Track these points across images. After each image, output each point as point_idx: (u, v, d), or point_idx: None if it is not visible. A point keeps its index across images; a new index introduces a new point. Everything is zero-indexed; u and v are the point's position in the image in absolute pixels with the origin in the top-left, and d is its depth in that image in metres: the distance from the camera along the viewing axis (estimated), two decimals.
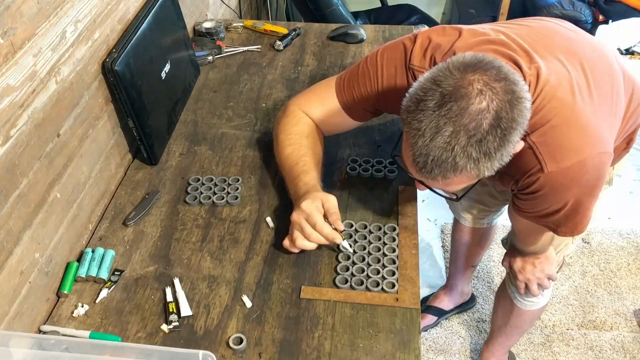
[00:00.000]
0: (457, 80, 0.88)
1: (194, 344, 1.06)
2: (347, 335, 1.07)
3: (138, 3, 1.46)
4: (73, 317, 1.11)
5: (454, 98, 0.87)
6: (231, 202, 1.32)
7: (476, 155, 0.89)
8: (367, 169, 1.40)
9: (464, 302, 2.17)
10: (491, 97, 0.87)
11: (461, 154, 0.88)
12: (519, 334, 1.81)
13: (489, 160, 0.90)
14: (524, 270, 1.43)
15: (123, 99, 1.31)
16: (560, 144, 1.00)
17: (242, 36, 1.94)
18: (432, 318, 2.12)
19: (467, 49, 1.04)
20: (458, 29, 1.12)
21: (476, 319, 2.16)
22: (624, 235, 2.44)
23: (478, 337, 2.10)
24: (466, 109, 0.87)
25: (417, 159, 0.92)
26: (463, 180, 0.96)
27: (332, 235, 1.13)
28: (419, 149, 0.91)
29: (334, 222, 1.14)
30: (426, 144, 0.89)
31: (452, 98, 0.87)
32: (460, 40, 1.09)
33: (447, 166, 0.90)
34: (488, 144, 0.88)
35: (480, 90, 0.87)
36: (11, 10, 0.96)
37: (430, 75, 0.92)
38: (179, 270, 1.19)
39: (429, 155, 0.90)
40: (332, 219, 1.14)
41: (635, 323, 2.13)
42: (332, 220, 1.14)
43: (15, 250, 1.01)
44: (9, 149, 0.98)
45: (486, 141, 0.88)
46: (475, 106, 0.87)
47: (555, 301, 2.20)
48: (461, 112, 0.87)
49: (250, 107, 1.62)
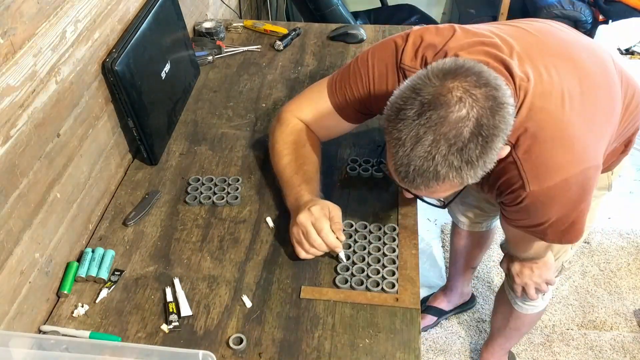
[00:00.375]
0: (436, 88, 0.87)
1: (194, 344, 1.06)
2: (347, 335, 1.07)
3: (138, 3, 1.46)
4: (73, 317, 1.11)
5: (433, 106, 0.86)
6: (231, 202, 1.32)
7: (458, 164, 0.87)
8: (367, 169, 1.40)
9: (463, 302, 2.17)
10: (471, 104, 0.86)
11: (442, 163, 0.87)
12: (518, 336, 1.81)
13: (471, 169, 0.89)
14: (521, 274, 1.41)
15: (123, 99, 1.31)
16: (544, 162, 0.98)
17: (242, 36, 1.94)
18: (431, 318, 2.12)
19: (460, 50, 1.03)
20: (452, 29, 1.10)
21: (476, 319, 2.15)
22: (624, 235, 2.44)
23: (478, 337, 2.10)
24: (446, 117, 0.86)
25: (399, 168, 0.91)
26: (447, 189, 0.95)
27: (335, 244, 1.14)
28: (400, 159, 0.90)
29: (337, 232, 1.14)
30: (407, 154, 0.89)
31: (432, 107, 0.86)
32: (453, 40, 1.07)
33: (429, 175, 0.89)
34: (469, 152, 0.87)
35: (459, 97, 0.86)
36: (11, 10, 0.96)
37: (410, 84, 0.90)
38: (179, 270, 1.19)
39: (410, 164, 0.89)
40: (336, 228, 1.14)
41: (635, 323, 2.13)
42: (336, 229, 1.14)
43: (15, 250, 1.01)
44: (9, 149, 0.98)
45: (467, 149, 0.87)
46: (455, 114, 0.85)
47: (555, 301, 2.20)
48: (441, 121, 0.86)
49: (250, 107, 1.62)
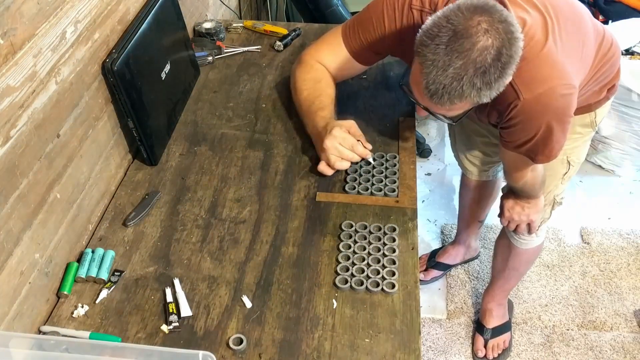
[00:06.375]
0: (467, 20, 1.02)
1: (194, 344, 1.06)
2: (347, 336, 1.07)
3: (138, 3, 1.46)
4: (73, 318, 1.11)
5: (464, 35, 1.01)
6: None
7: (479, 85, 1.04)
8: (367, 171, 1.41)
9: (470, 257, 2.33)
10: (495, 36, 1.02)
11: (468, 84, 1.03)
12: (517, 276, 1.98)
13: (488, 89, 1.06)
14: (512, 210, 1.57)
15: (123, 100, 1.31)
16: (532, 75, 1.15)
17: (242, 37, 1.94)
18: (437, 272, 2.27)
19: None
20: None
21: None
22: (624, 236, 2.44)
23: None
24: (475, 45, 1.01)
25: (430, 86, 1.06)
26: (465, 106, 1.12)
27: (365, 152, 1.35)
28: (432, 78, 1.05)
29: (363, 142, 1.36)
30: (439, 74, 1.04)
31: (463, 35, 1.01)
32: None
33: (455, 93, 1.05)
34: (490, 75, 1.03)
35: (486, 29, 1.02)
36: (11, 10, 0.96)
37: (443, 14, 1.05)
38: (179, 270, 1.19)
39: (441, 83, 1.04)
40: (362, 140, 1.36)
41: (635, 323, 2.13)
42: (363, 141, 1.36)
43: (15, 251, 1.01)
44: (9, 149, 0.98)
45: (489, 73, 1.03)
46: (482, 43, 1.01)
47: (555, 301, 2.20)
48: (471, 47, 1.01)
49: (250, 108, 1.62)
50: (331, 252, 1.22)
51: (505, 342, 2.05)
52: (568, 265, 2.33)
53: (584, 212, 2.54)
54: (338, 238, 1.24)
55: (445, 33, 1.03)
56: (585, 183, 2.69)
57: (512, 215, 1.58)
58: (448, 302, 2.21)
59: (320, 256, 1.21)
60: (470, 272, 2.31)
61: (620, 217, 2.52)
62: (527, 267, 1.97)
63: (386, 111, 1.59)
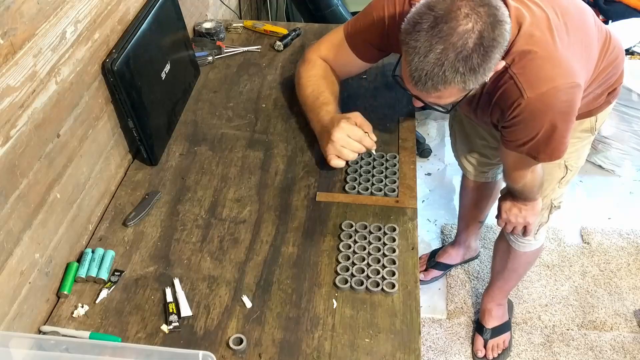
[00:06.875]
0: (447, 5, 1.02)
1: (194, 344, 1.06)
2: (347, 336, 1.07)
3: (138, 3, 1.46)
4: (73, 318, 1.11)
5: (444, 20, 1.01)
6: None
7: (462, 70, 1.03)
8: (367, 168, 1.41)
9: (470, 258, 2.33)
10: (476, 19, 1.01)
11: (450, 69, 1.02)
12: (516, 278, 1.98)
13: (473, 74, 1.04)
14: (509, 212, 1.57)
15: (123, 100, 1.31)
16: (536, 74, 1.14)
17: (242, 37, 1.94)
18: (437, 272, 2.27)
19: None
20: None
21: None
22: (624, 236, 2.44)
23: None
24: (454, 29, 1.01)
25: (414, 73, 1.06)
26: (453, 93, 1.10)
27: (371, 144, 1.35)
28: (414, 65, 1.05)
29: (370, 133, 1.35)
30: (421, 60, 1.04)
31: (443, 20, 1.01)
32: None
33: (438, 79, 1.04)
34: (472, 60, 1.02)
35: (467, 13, 1.01)
36: (11, 10, 0.96)
37: (426, 2, 1.05)
38: (179, 270, 1.19)
39: (423, 69, 1.04)
40: (369, 131, 1.35)
41: (635, 323, 2.13)
42: (369, 132, 1.35)
43: (15, 251, 1.01)
44: (9, 149, 0.98)
45: (471, 58, 1.02)
46: (462, 27, 1.01)
47: (555, 301, 2.20)
48: (450, 32, 1.01)
49: (250, 108, 1.62)
50: (331, 252, 1.22)
51: (505, 342, 2.06)
52: (568, 265, 2.33)
53: (584, 212, 2.54)
54: (338, 238, 1.24)
55: (427, 19, 1.03)
56: (585, 183, 2.69)
57: (509, 217, 1.58)
58: (448, 302, 2.22)
59: (320, 256, 1.21)
60: (470, 272, 2.32)
61: (620, 217, 2.53)
62: (526, 269, 1.97)
63: (386, 111, 1.59)
